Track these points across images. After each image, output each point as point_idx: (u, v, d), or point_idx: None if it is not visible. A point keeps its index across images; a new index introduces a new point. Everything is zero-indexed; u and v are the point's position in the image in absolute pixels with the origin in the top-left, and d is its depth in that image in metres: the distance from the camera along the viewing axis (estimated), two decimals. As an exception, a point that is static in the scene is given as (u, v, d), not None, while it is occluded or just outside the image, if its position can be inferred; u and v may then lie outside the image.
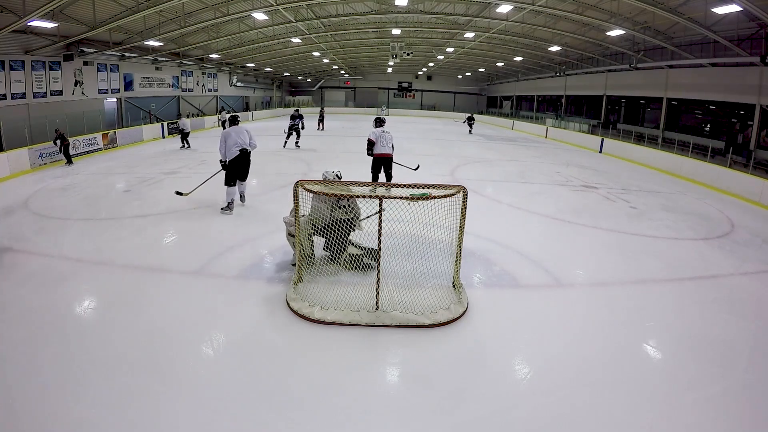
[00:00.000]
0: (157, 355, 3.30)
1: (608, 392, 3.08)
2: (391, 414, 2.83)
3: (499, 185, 10.30)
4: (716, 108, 16.04)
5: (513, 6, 13.75)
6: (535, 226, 7.06)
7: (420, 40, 22.92)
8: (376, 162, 7.93)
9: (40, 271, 4.76)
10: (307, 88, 41.48)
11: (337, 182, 4.70)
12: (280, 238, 5.71)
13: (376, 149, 7.80)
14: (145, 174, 10.32)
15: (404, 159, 9.97)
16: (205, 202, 7.49)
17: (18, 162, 10.37)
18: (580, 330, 3.92)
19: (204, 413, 2.74)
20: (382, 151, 7.83)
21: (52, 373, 3.06)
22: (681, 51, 15.28)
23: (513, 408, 2.89)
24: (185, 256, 5.26)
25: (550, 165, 13.63)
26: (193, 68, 24.02)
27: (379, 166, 7.93)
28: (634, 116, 21.20)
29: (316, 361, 3.32)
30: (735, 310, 4.45)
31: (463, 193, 3.98)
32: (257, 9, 13.98)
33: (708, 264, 5.74)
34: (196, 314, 3.93)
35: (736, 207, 9.33)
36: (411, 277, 4.35)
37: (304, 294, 4.09)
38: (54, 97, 14.59)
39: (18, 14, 10.59)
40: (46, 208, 7.33)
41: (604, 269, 5.41)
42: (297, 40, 20.29)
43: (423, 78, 40.76)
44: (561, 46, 19.56)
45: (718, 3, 10.85)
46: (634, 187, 10.77)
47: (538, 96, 31.30)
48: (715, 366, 3.44)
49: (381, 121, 8.08)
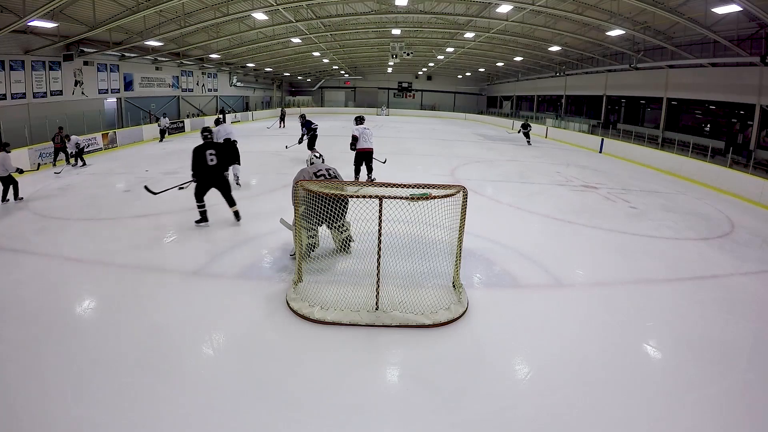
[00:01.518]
0: (158, 355, 3.31)
1: (608, 392, 3.08)
2: (391, 414, 2.83)
3: (499, 185, 10.30)
4: (716, 108, 16.05)
5: (513, 6, 13.75)
6: (535, 226, 7.06)
7: (420, 40, 22.92)
8: (358, 156, 8.67)
9: (40, 271, 4.77)
10: (307, 88, 41.48)
11: (336, 182, 4.74)
12: (280, 238, 5.72)
13: (358, 144, 8.56)
14: (145, 174, 10.32)
15: (404, 158, 9.99)
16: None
17: (18, 162, 10.35)
18: (580, 330, 3.92)
19: (204, 413, 2.74)
20: (364, 146, 8.61)
21: (53, 373, 3.06)
22: (681, 51, 15.28)
23: (513, 408, 2.89)
24: (185, 256, 5.27)
25: (550, 165, 13.62)
26: (193, 68, 24.03)
27: (361, 160, 8.69)
28: (634, 116, 21.21)
29: (316, 361, 3.32)
30: (735, 310, 4.45)
31: (463, 193, 3.98)
32: (257, 9, 13.98)
33: (708, 264, 5.74)
34: (196, 314, 3.94)
35: (736, 207, 9.33)
36: (411, 277, 4.35)
37: (304, 294, 4.09)
38: (54, 97, 14.60)
39: (18, 14, 10.60)
40: (46, 208, 7.34)
41: (604, 269, 5.41)
42: (297, 40, 20.29)
43: (423, 78, 40.76)
44: (561, 46, 19.56)
45: (718, 3, 10.85)
46: (634, 187, 10.77)
47: (538, 96, 31.30)
48: (715, 366, 3.44)
49: (361, 119, 8.88)
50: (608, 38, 16.83)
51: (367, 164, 8.70)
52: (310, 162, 5.48)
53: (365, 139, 8.55)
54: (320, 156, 5.61)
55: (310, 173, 5.18)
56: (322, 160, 5.58)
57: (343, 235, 5.15)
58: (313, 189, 4.05)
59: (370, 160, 8.70)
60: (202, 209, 6.40)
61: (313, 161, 5.48)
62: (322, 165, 5.37)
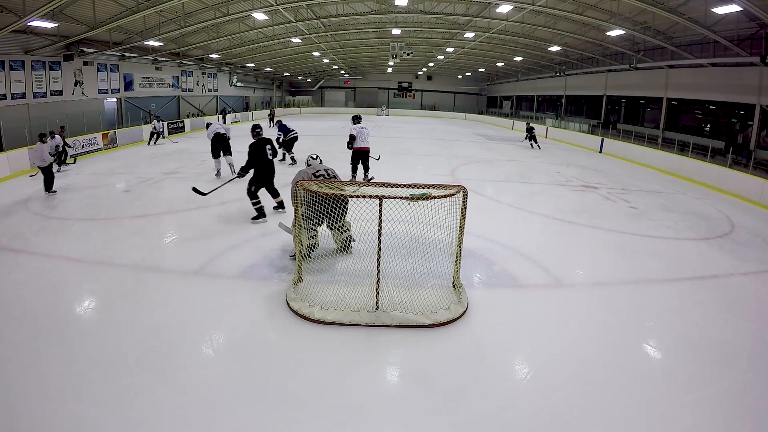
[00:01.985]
0: (158, 355, 3.31)
1: (608, 392, 3.08)
2: (391, 414, 2.83)
3: (499, 185, 10.30)
4: (716, 108, 16.04)
5: (513, 6, 13.74)
6: (536, 226, 7.06)
7: (420, 40, 22.92)
8: (355, 155, 8.77)
9: (40, 271, 4.77)
10: (307, 88, 41.48)
11: (335, 182, 4.74)
12: (279, 238, 5.72)
13: (356, 143, 8.64)
14: (145, 174, 10.32)
15: (404, 158, 9.97)
16: (205, 202, 7.49)
17: (18, 162, 10.37)
18: (580, 330, 3.92)
19: (204, 412, 2.74)
20: (362, 145, 8.70)
21: (53, 373, 3.06)
22: (681, 51, 15.27)
23: (513, 408, 2.89)
24: (185, 256, 5.26)
25: (550, 165, 13.62)
26: (193, 68, 24.02)
27: (358, 159, 8.80)
28: (634, 116, 21.20)
29: (316, 360, 3.32)
30: (735, 310, 4.45)
31: (463, 193, 3.98)
32: (257, 9, 13.97)
33: (708, 264, 5.74)
34: (196, 314, 3.94)
35: (736, 207, 9.33)
36: (411, 277, 4.35)
37: (304, 294, 4.09)
38: (54, 97, 14.60)
39: (18, 14, 10.60)
40: (46, 208, 7.34)
41: (604, 269, 5.41)
42: (297, 40, 20.29)
43: (423, 78, 40.76)
44: (561, 46, 19.55)
45: (718, 3, 10.85)
46: (634, 187, 10.76)
47: (538, 96, 31.30)
48: (715, 366, 3.44)
49: (359, 118, 8.98)
50: (608, 38, 16.84)
51: (363, 163, 8.84)
52: (308, 163, 5.52)
53: (363, 138, 8.67)
54: (317, 157, 5.63)
55: (309, 174, 5.19)
56: (320, 161, 5.61)
57: (343, 236, 5.16)
58: (312, 189, 4.05)
59: (366, 159, 8.85)
60: (259, 206, 6.47)
61: (310, 162, 5.51)
62: (320, 166, 5.39)
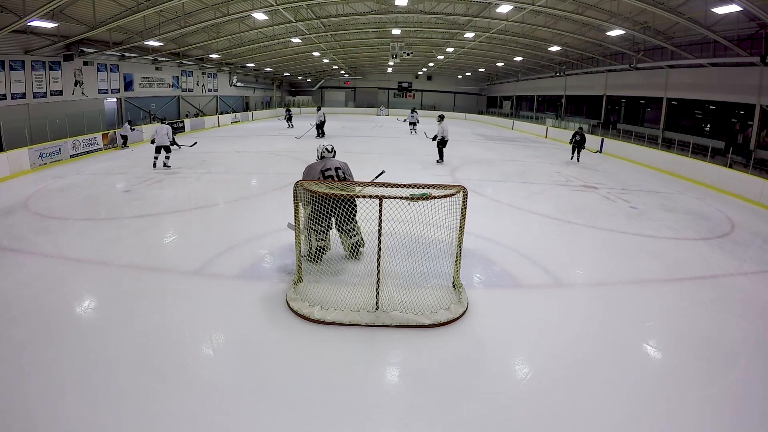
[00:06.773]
0: (157, 355, 3.30)
1: (608, 392, 3.08)
2: (391, 414, 2.83)
3: (499, 185, 10.29)
4: (716, 108, 16.04)
5: (513, 6, 13.75)
6: (535, 226, 7.06)
7: (420, 40, 22.91)
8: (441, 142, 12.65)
9: (40, 271, 4.76)
10: (307, 88, 41.47)
11: (337, 183, 4.71)
12: (279, 238, 5.71)
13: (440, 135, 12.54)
14: (145, 174, 10.32)
15: (404, 158, 9.95)
16: (205, 202, 7.50)
17: (18, 162, 10.37)
18: (580, 330, 3.92)
19: (204, 413, 2.74)
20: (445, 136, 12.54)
21: (53, 373, 3.06)
22: (681, 51, 15.27)
23: (513, 408, 2.89)
24: (185, 256, 5.26)
25: (550, 165, 13.62)
26: (193, 68, 24.02)
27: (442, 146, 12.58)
28: (634, 116, 21.20)
29: (316, 360, 3.32)
30: (735, 310, 4.45)
31: (463, 193, 3.97)
32: (257, 9, 13.98)
33: (708, 264, 5.73)
34: (196, 314, 3.93)
35: (736, 207, 9.33)
36: (411, 277, 4.34)
37: (304, 294, 4.09)
38: (54, 97, 14.60)
39: (18, 14, 10.60)
40: (46, 208, 7.33)
41: (604, 269, 5.40)
42: (297, 40, 20.28)
43: (423, 78, 40.75)
44: (561, 46, 19.55)
45: (718, 3, 10.85)
46: (634, 187, 10.76)
47: (538, 96, 31.29)
48: (715, 366, 3.44)
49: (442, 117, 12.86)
50: (608, 38, 16.83)
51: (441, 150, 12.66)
52: (321, 155, 5.06)
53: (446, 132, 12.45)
54: (332, 150, 5.11)
55: (318, 170, 4.82)
56: (334, 154, 5.12)
57: (352, 240, 4.88)
58: (312, 189, 4.02)
59: (445, 145, 12.59)
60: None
61: (323, 155, 5.05)
62: (332, 162, 4.93)
